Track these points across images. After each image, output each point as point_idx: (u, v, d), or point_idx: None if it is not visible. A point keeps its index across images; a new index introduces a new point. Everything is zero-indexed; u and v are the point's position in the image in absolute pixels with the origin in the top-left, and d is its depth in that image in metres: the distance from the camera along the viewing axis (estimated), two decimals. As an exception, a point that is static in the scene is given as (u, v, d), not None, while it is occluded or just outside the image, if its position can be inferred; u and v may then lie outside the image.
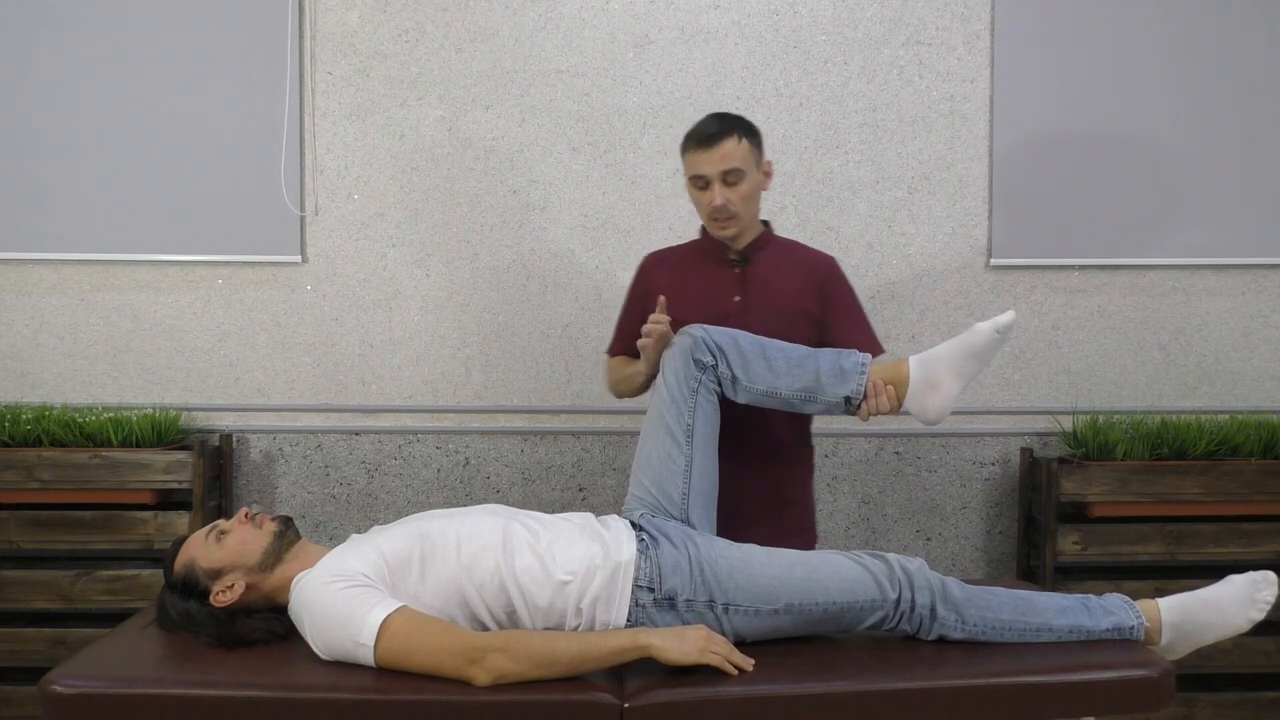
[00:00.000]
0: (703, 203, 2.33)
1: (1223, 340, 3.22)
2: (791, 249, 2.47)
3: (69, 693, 1.75)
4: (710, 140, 2.29)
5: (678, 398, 2.14)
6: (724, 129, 2.29)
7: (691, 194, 2.36)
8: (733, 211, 2.31)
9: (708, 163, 2.29)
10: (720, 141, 2.28)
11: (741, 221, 2.34)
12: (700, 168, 2.30)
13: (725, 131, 2.29)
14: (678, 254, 2.50)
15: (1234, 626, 1.99)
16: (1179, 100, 3.16)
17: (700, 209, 2.36)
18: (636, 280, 2.51)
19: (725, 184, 2.29)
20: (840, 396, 2.14)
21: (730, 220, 2.32)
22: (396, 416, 3.22)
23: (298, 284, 3.20)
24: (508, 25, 3.17)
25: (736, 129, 2.30)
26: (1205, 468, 2.96)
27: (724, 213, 2.31)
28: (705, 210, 2.34)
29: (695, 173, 2.32)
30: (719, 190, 2.29)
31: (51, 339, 3.20)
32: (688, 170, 2.34)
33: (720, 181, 2.29)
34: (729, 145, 2.28)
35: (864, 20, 3.17)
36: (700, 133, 2.31)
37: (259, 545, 1.96)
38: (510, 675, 1.74)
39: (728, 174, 2.29)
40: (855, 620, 1.95)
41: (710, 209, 2.31)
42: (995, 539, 3.24)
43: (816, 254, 2.47)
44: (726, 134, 2.29)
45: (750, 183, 2.32)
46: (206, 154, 3.15)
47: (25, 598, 2.96)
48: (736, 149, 2.29)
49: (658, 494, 2.11)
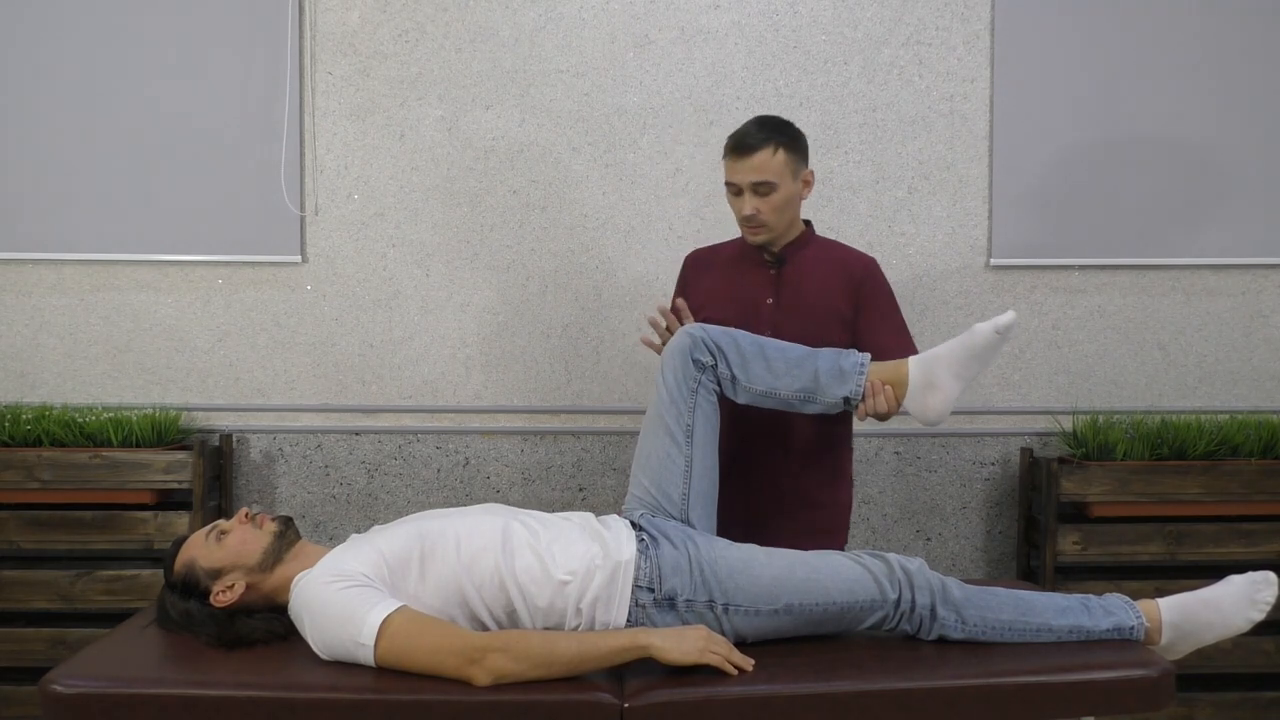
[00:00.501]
0: (735, 208, 2.36)
1: (1223, 340, 3.22)
2: (830, 249, 2.46)
3: (69, 693, 1.75)
4: (745, 150, 2.29)
5: (677, 398, 2.14)
6: (762, 139, 2.29)
7: (728, 197, 2.38)
8: (762, 220, 2.32)
9: (740, 171, 2.30)
10: (755, 153, 2.28)
11: (772, 230, 2.35)
12: (733, 175, 2.32)
13: (763, 142, 2.29)
14: (718, 253, 2.51)
15: (1234, 627, 1.98)
16: (1179, 100, 3.16)
17: (734, 213, 2.38)
18: (679, 279, 2.54)
19: (756, 194, 2.30)
20: (839, 397, 2.14)
21: (760, 229, 2.34)
22: (396, 416, 3.22)
23: (298, 284, 3.20)
24: (508, 25, 3.17)
25: (775, 139, 2.30)
26: (1205, 468, 2.96)
27: (753, 221, 2.33)
28: (737, 216, 2.36)
29: (729, 180, 2.34)
30: (749, 200, 2.30)
31: (51, 339, 3.20)
32: (725, 176, 2.35)
33: (751, 191, 2.30)
34: (763, 156, 2.28)
35: (864, 20, 3.17)
36: (739, 140, 2.31)
37: (259, 545, 1.96)
38: (510, 675, 1.74)
39: (759, 185, 2.29)
40: (855, 620, 1.95)
41: (740, 217, 2.34)
42: (995, 539, 3.24)
43: (856, 255, 2.46)
44: (763, 145, 2.29)
45: (784, 194, 2.32)
46: (206, 154, 3.15)
47: (25, 598, 2.96)
48: (770, 161, 2.29)
49: (657, 495, 2.11)
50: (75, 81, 3.13)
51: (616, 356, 3.20)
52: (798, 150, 2.34)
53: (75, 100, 3.14)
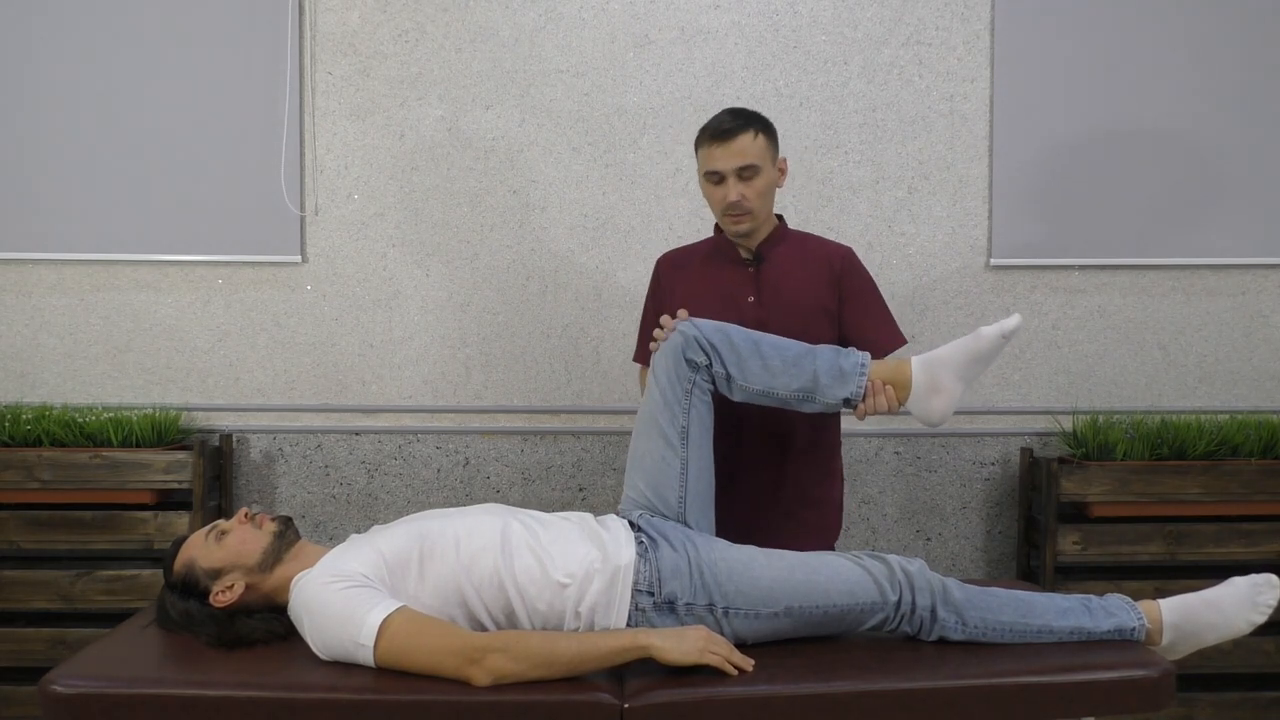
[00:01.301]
0: (716, 198, 2.31)
1: (1223, 340, 3.22)
2: (805, 242, 2.44)
3: (69, 693, 1.75)
4: (727, 135, 2.27)
5: (670, 399, 2.11)
6: (741, 124, 2.28)
7: (705, 190, 2.34)
8: (748, 207, 2.29)
9: (723, 157, 2.27)
10: (736, 136, 2.27)
11: (757, 218, 2.32)
12: (715, 163, 2.29)
13: (742, 126, 2.28)
14: (691, 254, 2.48)
15: (1235, 628, 1.98)
16: (1179, 100, 3.16)
17: (714, 205, 2.34)
18: (652, 284, 2.50)
19: (740, 179, 2.28)
20: (839, 398, 2.12)
21: (745, 215, 2.30)
22: (396, 416, 3.22)
23: (298, 284, 3.20)
24: (508, 25, 3.17)
25: (753, 124, 2.29)
26: (1205, 468, 2.96)
27: (739, 208, 2.29)
28: (719, 206, 2.32)
29: (710, 168, 2.30)
30: (734, 185, 2.28)
31: (51, 339, 3.20)
32: (702, 165, 2.32)
33: (735, 177, 2.28)
34: (745, 140, 2.27)
35: (864, 20, 3.17)
36: (716, 127, 2.29)
37: (259, 545, 1.95)
38: (510, 675, 1.74)
39: (743, 169, 2.27)
40: (856, 622, 1.95)
41: (725, 204, 2.30)
42: (995, 539, 3.24)
43: (832, 246, 2.44)
44: (743, 129, 2.28)
45: (766, 178, 2.31)
46: (206, 154, 3.15)
47: (25, 598, 2.96)
48: (753, 145, 2.28)
49: (654, 498, 2.10)
50: (75, 81, 3.13)
51: (616, 356, 3.20)
52: (773, 137, 2.34)
53: (75, 100, 3.14)
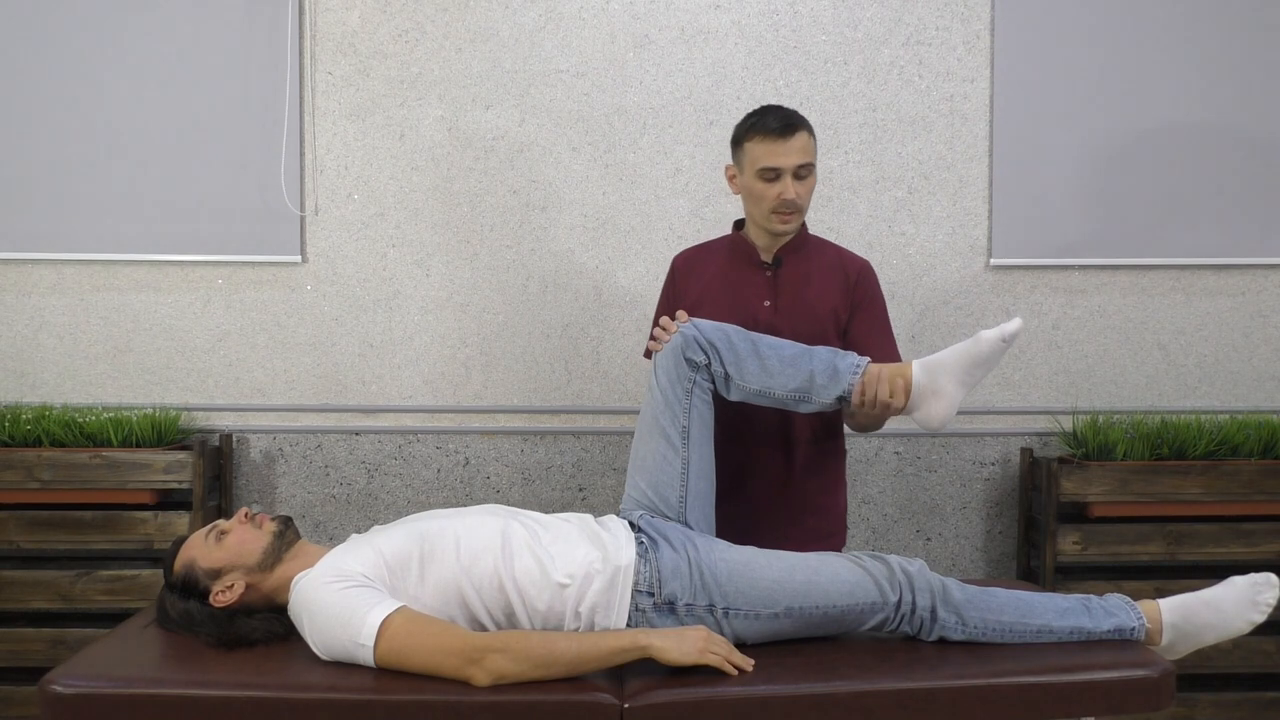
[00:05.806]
0: (770, 195, 2.26)
1: (1223, 340, 3.22)
2: (825, 250, 2.42)
3: (69, 693, 1.75)
4: (791, 130, 2.24)
5: (671, 399, 2.12)
6: (798, 121, 2.26)
7: (752, 187, 2.28)
8: (799, 206, 2.27)
9: (784, 154, 2.23)
10: (797, 133, 2.24)
11: (801, 218, 2.31)
12: (775, 159, 2.24)
13: (801, 124, 2.26)
14: (707, 253, 2.44)
15: (1235, 628, 1.98)
16: (1179, 100, 3.16)
17: (762, 202, 2.28)
18: (667, 282, 2.47)
19: (796, 177, 2.25)
20: (833, 398, 2.12)
21: (794, 215, 2.28)
22: (396, 416, 3.22)
23: (298, 284, 3.20)
24: (508, 25, 3.17)
25: (807, 125, 2.28)
26: (1205, 468, 2.96)
27: (792, 205, 2.26)
28: (770, 203, 2.27)
29: (769, 164, 2.24)
30: (790, 184, 2.24)
31: (51, 339, 3.20)
32: (756, 161, 2.26)
33: (793, 175, 2.25)
34: (803, 138, 2.25)
35: (864, 20, 3.17)
36: (784, 121, 2.25)
37: (259, 545, 1.96)
38: (510, 675, 1.74)
39: (801, 167, 2.25)
40: (856, 623, 1.95)
41: (779, 201, 2.25)
42: (995, 539, 3.24)
43: (851, 257, 2.42)
44: (801, 126, 2.26)
45: (814, 179, 2.30)
46: (206, 154, 3.15)
47: (25, 598, 2.96)
48: (809, 143, 2.27)
49: (655, 498, 2.10)
50: (75, 81, 3.13)
51: (616, 356, 3.20)
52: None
53: (75, 100, 3.13)
